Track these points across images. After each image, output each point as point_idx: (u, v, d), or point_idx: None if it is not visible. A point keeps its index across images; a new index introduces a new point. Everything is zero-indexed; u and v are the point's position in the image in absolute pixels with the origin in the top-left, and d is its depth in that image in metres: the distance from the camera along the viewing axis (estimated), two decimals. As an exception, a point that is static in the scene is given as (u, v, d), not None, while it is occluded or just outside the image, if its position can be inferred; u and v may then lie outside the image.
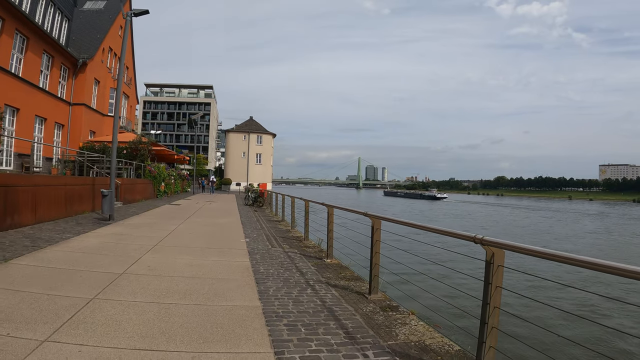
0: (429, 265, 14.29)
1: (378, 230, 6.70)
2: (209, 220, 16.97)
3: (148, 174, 29.42)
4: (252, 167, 75.22)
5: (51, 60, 27.09)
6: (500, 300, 4.09)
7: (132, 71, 43.53)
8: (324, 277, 7.80)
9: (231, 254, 9.61)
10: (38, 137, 26.13)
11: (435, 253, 14.08)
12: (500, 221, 58.46)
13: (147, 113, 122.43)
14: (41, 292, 5.90)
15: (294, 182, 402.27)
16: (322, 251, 10.69)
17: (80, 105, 30.52)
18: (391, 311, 6.03)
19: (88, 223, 13.81)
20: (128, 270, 7.42)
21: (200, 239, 11.78)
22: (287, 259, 9.42)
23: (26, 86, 23.89)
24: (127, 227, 13.40)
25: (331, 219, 9.39)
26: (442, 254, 17.55)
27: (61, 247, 9.33)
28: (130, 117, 43.37)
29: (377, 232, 6.69)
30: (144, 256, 8.75)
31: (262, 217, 20.11)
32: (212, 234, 13.08)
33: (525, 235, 40.18)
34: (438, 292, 9.72)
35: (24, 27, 23.02)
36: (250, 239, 12.28)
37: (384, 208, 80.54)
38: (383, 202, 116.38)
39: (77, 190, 16.30)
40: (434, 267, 14.31)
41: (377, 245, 6.69)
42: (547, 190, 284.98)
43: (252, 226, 15.71)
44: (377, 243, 6.68)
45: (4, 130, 21.94)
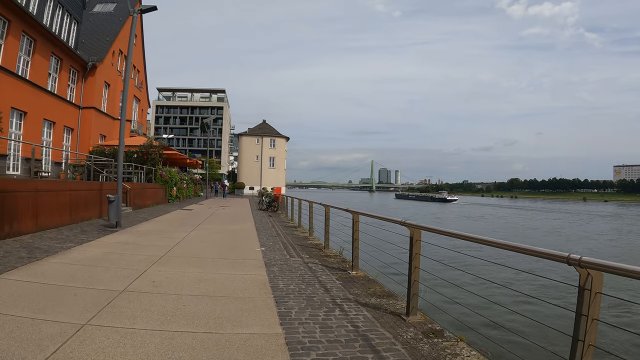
0: (474, 280, 13.28)
1: (418, 242, 5.74)
2: (221, 227, 16.06)
3: (159, 178, 28.65)
4: (265, 170, 74.35)
5: (60, 63, 26.47)
6: (596, 337, 3.16)
7: (143, 75, 43.01)
8: (351, 294, 6.83)
9: (246, 265, 8.66)
10: (46, 141, 25.52)
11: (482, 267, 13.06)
12: (512, 223, 57.46)
13: (160, 117, 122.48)
14: (26, 315, 5.04)
15: (307, 186, 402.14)
16: (345, 261, 9.74)
17: (90, 109, 29.91)
18: (436, 337, 5.07)
19: (93, 231, 12.98)
20: (130, 287, 6.52)
21: (212, 248, 10.87)
22: (308, 271, 8.47)
23: (34, 89, 23.24)
24: (134, 235, 12.53)
25: (356, 227, 8.41)
26: (490, 269, 16.62)
27: (59, 259, 8.47)
28: (141, 120, 42.82)
29: (417, 244, 5.73)
30: (149, 269, 7.85)
31: (278, 222, 19.17)
32: (225, 242, 12.14)
33: (539, 237, 38.96)
34: (488, 313, 8.76)
35: (31, 29, 22.39)
36: (266, 247, 11.33)
37: (398, 211, 79.54)
38: (395, 205, 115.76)
39: (82, 195, 15.48)
40: (482, 284, 13.34)
41: (417, 260, 5.73)
42: (562, 192, 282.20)
43: (267, 233, 14.76)
44: (416, 257, 5.72)
45: (12, 135, 21.30)
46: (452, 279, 7.94)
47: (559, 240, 37.58)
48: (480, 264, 16.19)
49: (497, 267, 14.89)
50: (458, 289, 8.94)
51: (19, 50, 21.92)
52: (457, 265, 8.74)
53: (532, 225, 54.04)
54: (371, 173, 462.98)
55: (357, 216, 8.51)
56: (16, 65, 21.77)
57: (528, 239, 34.35)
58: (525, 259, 20.04)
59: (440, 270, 8.28)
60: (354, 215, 8.56)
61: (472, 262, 14.35)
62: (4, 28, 20.53)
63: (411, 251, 5.75)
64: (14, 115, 21.83)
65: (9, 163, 21.23)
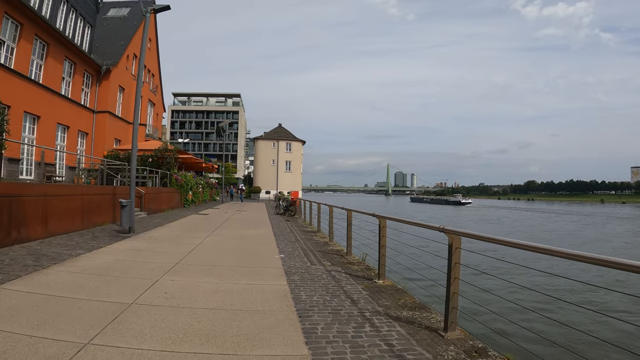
0: (514, 288, 12.54)
1: (458, 250, 5.11)
2: (238, 232, 15.49)
3: (174, 182, 28.25)
4: (281, 174, 73.83)
5: (73, 67, 26.20)
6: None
7: (158, 79, 42.74)
8: (380, 306, 6.21)
9: (265, 274, 8.05)
10: (60, 146, 25.20)
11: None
12: (528, 226, 56.47)
13: (175, 122, 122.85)
14: (23, 332, 4.53)
15: (323, 190, 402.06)
16: (369, 269, 9.11)
17: (105, 113, 29.60)
18: (480, 357, 4.46)
19: (105, 236, 12.49)
20: (140, 299, 5.97)
21: (229, 255, 10.28)
22: (332, 280, 7.84)
23: (47, 93, 22.95)
24: (147, 241, 12.01)
25: (383, 233, 7.74)
26: (537, 278, 15.83)
27: (67, 267, 7.95)
28: (156, 125, 42.53)
29: (457, 253, 5.10)
30: (161, 278, 7.30)
31: (296, 227, 18.58)
32: (242, 248, 11.53)
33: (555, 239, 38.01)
34: (535, 326, 8.06)
35: (43, 32, 22.12)
36: (286, 254, 10.70)
37: (414, 214, 78.65)
38: (410, 208, 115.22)
39: (95, 200, 15.02)
40: (523, 292, 12.60)
41: (457, 270, 5.10)
42: (579, 194, 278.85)
43: (285, 238, 14.16)
44: (456, 267, 5.09)
45: (25, 139, 21.00)
46: (489, 287, 7.26)
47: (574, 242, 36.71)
48: (525, 272, 15.42)
49: (543, 276, 14.17)
50: (496, 299, 8.27)
51: (31, 54, 21.64)
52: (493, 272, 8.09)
53: (549, 228, 52.94)
54: (387, 176, 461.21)
55: (384, 221, 7.83)
56: (29, 69, 21.49)
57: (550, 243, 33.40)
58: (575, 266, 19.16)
59: (474, 277, 7.66)
60: (381, 220, 7.89)
61: (510, 268, 13.69)
62: (17, 31, 20.24)
63: (450, 260, 5.13)
64: (27, 119, 21.55)
65: (22, 167, 20.88)
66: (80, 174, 23.50)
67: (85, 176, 23.12)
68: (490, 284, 12.60)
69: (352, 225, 10.98)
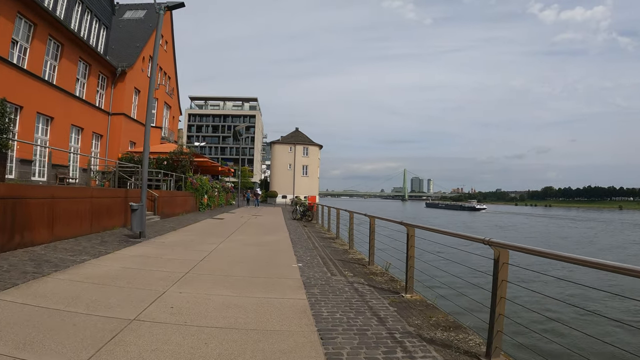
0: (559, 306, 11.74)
1: (505, 266, 4.40)
2: (253, 239, 14.84)
3: (189, 186, 27.75)
4: (298, 179, 73.36)
5: (88, 68, 25.87)
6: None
7: (174, 81, 42.47)
8: (411, 325, 5.51)
9: (281, 286, 7.37)
10: (74, 148, 24.84)
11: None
12: (543, 232, 55.35)
13: (192, 126, 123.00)
14: (6, 351, 3.95)
15: (339, 195, 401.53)
16: (393, 281, 8.41)
17: (120, 115, 29.24)
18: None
19: (114, 241, 11.91)
20: (143, 314, 5.33)
21: (243, 263, 9.59)
22: (355, 293, 7.13)
23: (61, 94, 22.58)
24: (158, 247, 11.41)
25: (412, 243, 7.02)
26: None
27: (69, 275, 7.37)
28: (172, 128, 42.20)
29: (504, 269, 4.40)
30: (169, 290, 6.67)
31: (313, 233, 17.93)
32: (257, 256, 10.86)
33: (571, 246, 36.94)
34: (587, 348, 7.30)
35: (57, 33, 21.73)
36: (304, 263, 10.02)
37: (430, 220, 77.83)
38: (426, 213, 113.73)
39: (105, 203, 14.48)
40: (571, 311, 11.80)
41: (503, 288, 4.40)
42: (597, 200, 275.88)
43: (303, 245, 13.48)
44: (502, 284, 4.39)
45: (37, 140, 20.65)
46: (534, 303, 6.54)
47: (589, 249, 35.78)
48: (570, 287, 14.50)
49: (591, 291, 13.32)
50: (541, 317, 7.52)
51: (45, 54, 21.28)
52: (535, 287, 7.38)
53: (564, 234, 51.86)
54: (403, 182, 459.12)
55: (413, 230, 7.11)
56: (42, 69, 21.12)
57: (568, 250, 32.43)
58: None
59: (514, 292, 6.94)
60: (409, 229, 7.16)
61: (553, 283, 12.89)
62: (30, 32, 19.88)
63: (496, 277, 4.43)
64: (39, 121, 21.18)
65: (34, 169, 20.48)
66: (94, 176, 23.14)
67: (100, 178, 22.72)
68: (531, 300, 11.78)
69: (374, 232, 10.31)
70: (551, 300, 9.74)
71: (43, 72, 21.19)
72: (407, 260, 7.05)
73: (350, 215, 13.22)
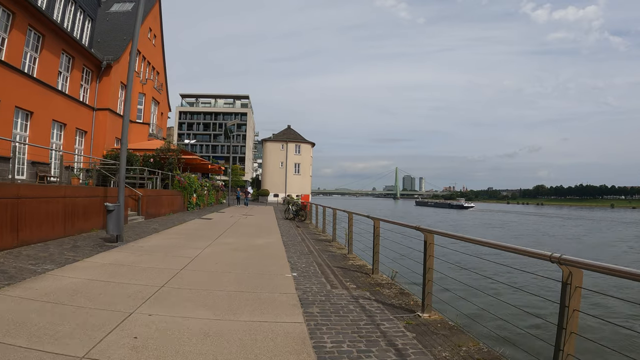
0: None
1: (579, 291, 3.31)
2: (243, 241, 13.61)
3: (177, 184, 26.56)
4: (290, 177, 72.09)
5: (71, 61, 24.61)
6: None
7: (163, 77, 41.18)
8: (438, 358, 4.43)
9: (274, 304, 6.18)
10: (56, 144, 23.58)
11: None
12: (533, 230, 55.21)
13: (183, 124, 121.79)
14: None
15: (331, 193, 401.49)
16: (404, 294, 7.26)
17: (105, 111, 27.96)
18: None
19: (87, 246, 10.69)
20: (95, 350, 4.15)
21: (230, 273, 8.37)
22: (362, 313, 5.97)
23: (41, 88, 21.32)
24: (135, 253, 10.16)
25: (430, 252, 5.82)
26: None
27: (21, 290, 6.18)
28: (161, 124, 40.93)
29: (577, 294, 3.31)
30: (137, 311, 5.50)
31: (307, 234, 16.80)
32: (247, 264, 9.59)
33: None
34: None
35: (38, 23, 20.47)
36: (299, 271, 8.83)
37: (419, 218, 77.56)
38: (417, 212, 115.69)
39: (81, 203, 13.25)
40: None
41: (575, 320, 3.32)
42: (588, 199, 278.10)
43: (297, 249, 12.29)
44: (575, 314, 3.30)
45: (16, 136, 19.45)
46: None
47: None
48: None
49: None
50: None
51: (24, 45, 20.01)
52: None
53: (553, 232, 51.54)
54: (395, 180, 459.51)
55: (432, 237, 5.93)
56: (21, 61, 19.86)
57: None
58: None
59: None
60: (427, 235, 5.96)
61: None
62: (8, 21, 18.63)
63: (564, 301, 3.34)
64: (18, 115, 19.91)
65: (11, 167, 19.22)
66: (78, 174, 21.94)
67: (84, 177, 21.53)
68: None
69: (371, 235, 9.19)
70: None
71: (22, 64, 19.93)
72: (424, 273, 5.90)
73: (349, 217, 12.06)
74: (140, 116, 34.08)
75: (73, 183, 20.89)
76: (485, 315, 7.12)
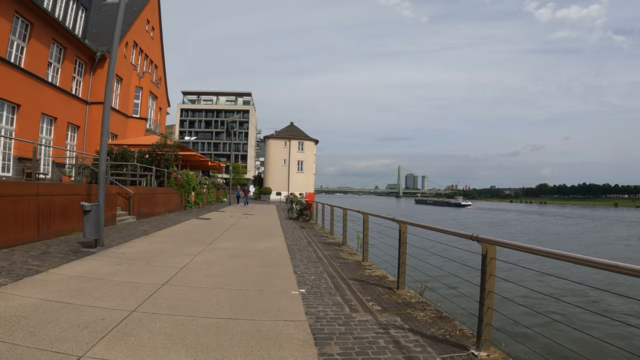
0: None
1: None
2: (241, 245, 12.00)
3: (174, 181, 25.07)
4: (293, 175, 70.51)
5: (63, 52, 23.21)
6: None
7: (162, 71, 39.76)
8: None
9: (277, 341, 4.54)
10: (46, 139, 22.17)
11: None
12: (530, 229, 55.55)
13: (185, 121, 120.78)
14: None
15: (334, 191, 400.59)
16: (442, 318, 5.67)
17: (99, 105, 26.45)
18: None
19: (60, 253, 9.16)
20: None
21: (222, 291, 6.65)
22: (397, 353, 4.36)
23: (29, 79, 19.96)
24: (112, 262, 8.57)
25: (491, 269, 4.16)
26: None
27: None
28: (160, 120, 39.49)
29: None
30: (88, 353, 3.98)
31: (314, 237, 15.29)
32: (244, 276, 7.92)
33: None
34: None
35: (26, 10, 19.11)
36: (308, 287, 7.20)
37: (419, 215, 79.84)
38: (414, 209, 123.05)
39: (59, 202, 11.73)
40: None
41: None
42: (592, 198, 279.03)
43: (304, 255, 10.73)
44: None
45: (0, 130, 18.08)
46: None
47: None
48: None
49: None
50: None
51: (10, 33, 18.60)
52: None
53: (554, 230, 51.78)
54: (398, 179, 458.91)
55: (494, 249, 4.27)
56: (7, 50, 18.46)
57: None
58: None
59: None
60: (489, 247, 4.29)
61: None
62: (-8, 7, 17.27)
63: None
64: (3, 108, 18.54)
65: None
66: (69, 171, 20.57)
67: (75, 174, 20.08)
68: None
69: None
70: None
71: (8, 53, 18.56)
72: (482, 299, 4.30)
73: (365, 219, 10.41)
74: (137, 111, 32.63)
75: (64, 181, 19.54)
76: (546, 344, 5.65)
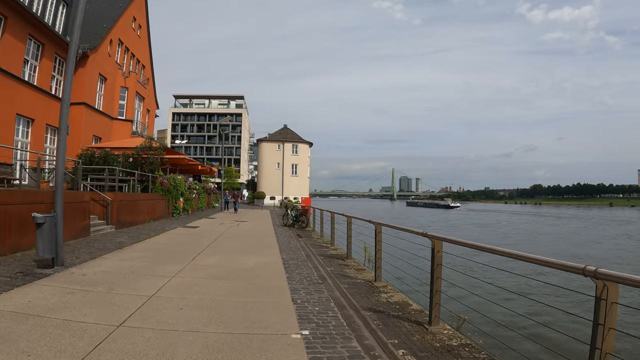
0: None
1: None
2: (229, 262, 10.18)
3: (159, 187, 23.36)
4: (287, 179, 68.81)
5: (40, 48, 21.64)
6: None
7: (149, 71, 38.15)
8: None
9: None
10: (22, 142, 20.53)
11: None
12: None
13: (177, 125, 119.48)
14: None
15: (328, 195, 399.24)
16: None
17: (80, 105, 24.96)
18: None
19: (5, 275, 7.41)
20: None
21: (197, 336, 4.86)
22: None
23: (1, 76, 18.34)
24: (66, 288, 6.77)
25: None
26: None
27: None
28: (149, 122, 37.86)
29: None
30: None
31: (312, 248, 13.65)
32: (229, 308, 6.08)
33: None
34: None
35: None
36: (312, 325, 5.44)
37: (412, 218, 79.77)
38: (405, 211, 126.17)
39: (15, 212, 9.95)
40: None
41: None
42: (586, 198, 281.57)
43: (303, 274, 8.95)
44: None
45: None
46: None
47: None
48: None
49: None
50: None
51: (-22, 26, 17.05)
52: None
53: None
54: (392, 181, 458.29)
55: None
56: (-26, 45, 16.90)
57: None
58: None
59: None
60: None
61: None
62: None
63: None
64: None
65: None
66: (47, 177, 18.95)
67: (52, 179, 18.46)
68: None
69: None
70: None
71: (-26, 48, 16.99)
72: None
73: (377, 230, 8.57)
74: (122, 112, 31.03)
75: (42, 187, 17.91)
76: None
